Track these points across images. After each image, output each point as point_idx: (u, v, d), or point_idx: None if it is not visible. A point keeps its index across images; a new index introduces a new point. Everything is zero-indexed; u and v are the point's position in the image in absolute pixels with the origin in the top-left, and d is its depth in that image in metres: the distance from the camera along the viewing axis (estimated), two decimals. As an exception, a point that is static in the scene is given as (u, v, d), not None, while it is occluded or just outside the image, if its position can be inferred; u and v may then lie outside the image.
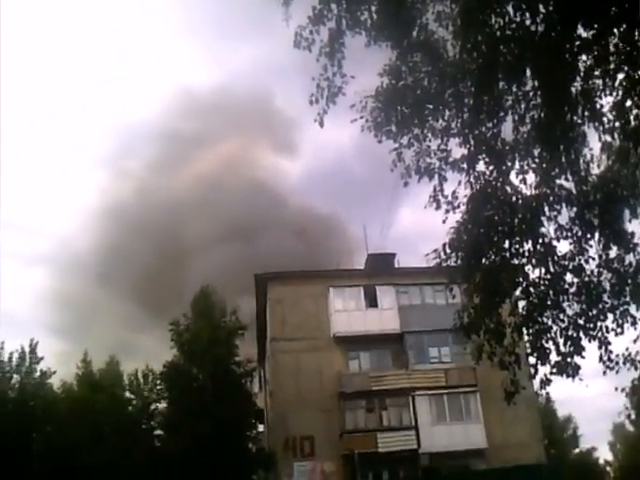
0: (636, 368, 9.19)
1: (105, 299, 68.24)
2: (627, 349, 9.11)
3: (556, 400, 62.77)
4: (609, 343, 8.70)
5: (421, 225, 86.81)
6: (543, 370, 8.48)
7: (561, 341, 8.45)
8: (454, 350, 34.87)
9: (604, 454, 72.02)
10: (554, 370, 8.37)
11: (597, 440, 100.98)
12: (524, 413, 31.92)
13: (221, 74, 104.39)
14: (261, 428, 41.06)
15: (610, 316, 8.75)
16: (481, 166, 8.84)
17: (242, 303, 36.99)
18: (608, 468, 71.26)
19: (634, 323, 8.86)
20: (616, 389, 9.93)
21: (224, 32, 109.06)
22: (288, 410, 34.15)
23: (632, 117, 7.99)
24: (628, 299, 8.92)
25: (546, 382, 8.49)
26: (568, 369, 8.29)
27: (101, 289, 69.13)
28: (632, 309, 8.96)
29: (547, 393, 9.85)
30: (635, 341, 9.12)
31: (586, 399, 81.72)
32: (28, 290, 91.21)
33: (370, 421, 34.90)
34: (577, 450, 66.33)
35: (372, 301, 37.15)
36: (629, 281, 8.96)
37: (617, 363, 8.88)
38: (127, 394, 36.74)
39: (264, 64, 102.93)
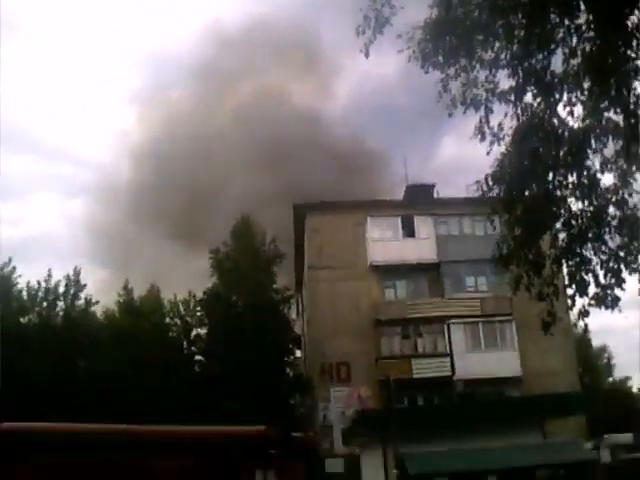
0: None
1: (143, 229, 69.10)
2: None
3: (591, 330, 62.82)
4: (650, 275, 8.73)
5: (461, 157, 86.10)
6: (581, 301, 8.58)
7: (601, 273, 8.48)
8: (491, 280, 35.13)
9: (638, 383, 72.39)
10: (593, 302, 8.46)
11: (631, 370, 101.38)
12: (560, 342, 32.19)
13: (264, 4, 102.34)
14: (298, 354, 42.04)
15: (652, 250, 8.76)
16: (529, 98, 8.75)
17: (280, 232, 37.42)
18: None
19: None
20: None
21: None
22: (325, 336, 34.93)
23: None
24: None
25: (584, 313, 8.59)
26: (607, 300, 8.36)
27: (140, 219, 69.76)
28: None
29: (585, 324, 9.95)
30: None
31: (621, 330, 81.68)
32: (69, 220, 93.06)
33: (405, 348, 35.69)
34: (610, 379, 66.64)
35: (410, 231, 37.50)
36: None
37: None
38: (167, 320, 37.64)
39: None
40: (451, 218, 37.75)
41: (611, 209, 8.81)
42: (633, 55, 8.00)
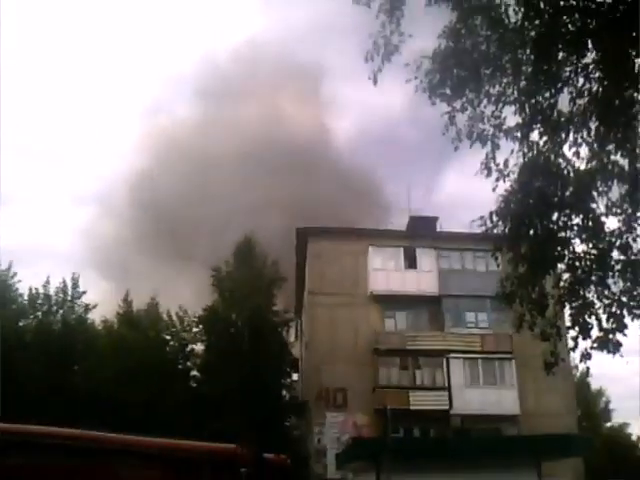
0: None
1: (145, 244, 69.21)
2: None
3: (591, 374, 62.33)
4: (652, 323, 8.58)
5: (465, 192, 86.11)
6: (583, 344, 8.44)
7: (604, 317, 8.37)
8: (491, 317, 35.04)
9: (637, 431, 71.75)
10: (595, 345, 8.31)
11: (630, 417, 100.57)
12: (559, 383, 31.93)
13: (275, 29, 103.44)
14: (295, 377, 41.84)
15: (655, 296, 8.61)
16: (535, 136, 8.69)
17: (282, 255, 37.39)
18: (640, 444, 70.91)
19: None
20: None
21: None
22: (322, 362, 34.68)
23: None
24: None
25: (586, 356, 8.44)
26: (609, 345, 8.22)
27: (142, 234, 69.91)
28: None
29: (587, 368, 9.73)
30: None
31: (621, 375, 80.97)
32: (73, 229, 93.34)
33: (403, 378, 35.31)
34: (609, 424, 66.09)
35: (411, 262, 37.36)
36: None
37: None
38: (165, 335, 37.55)
39: (318, 21, 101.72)
40: (453, 252, 37.54)
41: (615, 253, 8.69)
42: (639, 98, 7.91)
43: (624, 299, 8.47)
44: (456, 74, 8.80)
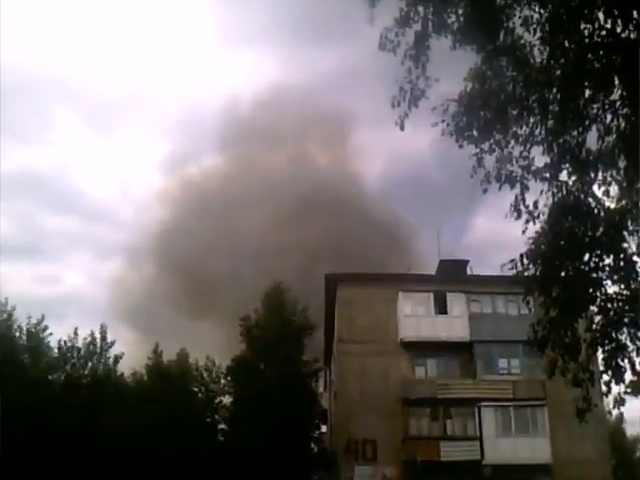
0: None
1: (174, 296, 69.59)
2: None
3: (626, 419, 60.91)
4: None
5: (495, 234, 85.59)
6: (617, 389, 8.23)
7: (637, 360, 8.16)
8: (524, 362, 34.41)
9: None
10: (629, 390, 8.10)
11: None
12: (593, 430, 31.14)
13: (301, 76, 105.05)
14: (324, 429, 41.25)
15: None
16: (564, 176, 8.62)
17: (311, 302, 37.17)
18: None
19: None
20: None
21: (307, 33, 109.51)
22: (352, 412, 34.29)
23: None
24: None
25: (620, 401, 8.23)
26: (642, 391, 8.04)
27: (171, 285, 70.35)
28: None
29: (621, 413, 9.48)
30: None
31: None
32: (102, 280, 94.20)
33: (434, 429, 34.64)
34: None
35: (442, 307, 36.85)
36: None
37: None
38: (193, 387, 37.31)
39: (345, 67, 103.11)
40: (484, 296, 37.03)
41: (647, 293, 8.50)
42: None
43: (657, 341, 8.29)
44: (483, 116, 8.80)
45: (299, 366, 33.69)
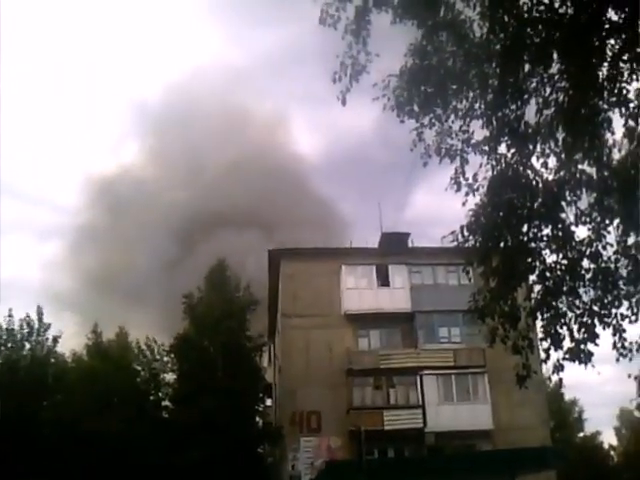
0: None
1: (115, 276, 68.55)
2: None
3: (565, 384, 63.01)
4: (624, 330, 8.65)
5: (435, 208, 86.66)
6: (555, 355, 8.48)
7: (575, 327, 8.42)
8: (464, 331, 35.00)
9: (608, 439, 72.34)
10: (567, 356, 8.34)
11: (602, 425, 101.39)
12: (532, 396, 31.97)
13: (242, 54, 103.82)
14: (269, 402, 41.44)
15: (625, 303, 8.70)
16: (503, 149, 8.78)
17: (254, 277, 37.16)
18: (612, 452, 71.53)
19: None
20: (629, 376, 9.85)
21: (247, 12, 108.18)
22: (296, 385, 34.46)
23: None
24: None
25: (559, 367, 8.48)
26: (581, 355, 8.26)
27: (112, 264, 69.33)
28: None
29: (560, 379, 9.74)
30: None
31: (593, 385, 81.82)
32: (39, 262, 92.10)
33: (377, 398, 35.06)
34: (582, 434, 66.53)
35: (384, 280, 37.16)
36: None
37: (630, 350, 8.84)
38: (135, 365, 37.06)
39: (285, 44, 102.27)
40: (425, 268, 37.49)
41: (585, 262, 8.76)
42: (605, 106, 8.03)
43: (595, 308, 8.57)
44: (423, 91, 8.87)
45: (243, 342, 33.63)
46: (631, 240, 8.91)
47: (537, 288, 8.78)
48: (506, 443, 31.30)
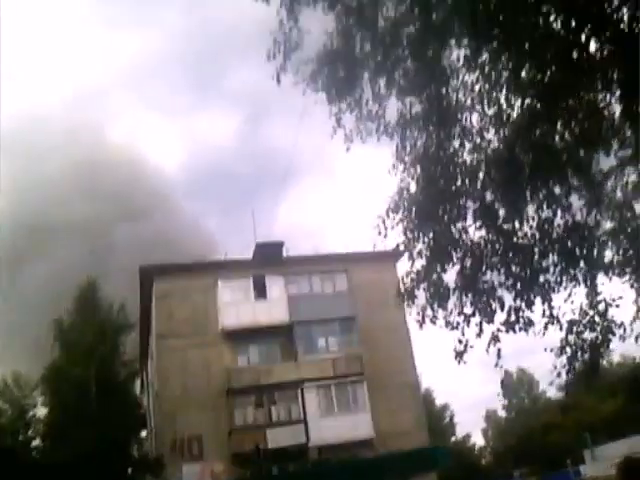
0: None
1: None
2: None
3: (434, 390, 65.25)
4: (551, 299, 8.88)
5: (305, 216, 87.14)
6: (490, 329, 8.60)
7: (510, 297, 8.58)
8: (341, 339, 35.16)
9: (478, 440, 75.54)
10: (503, 327, 8.50)
11: (472, 427, 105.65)
12: (409, 401, 32.59)
13: (100, 64, 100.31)
14: (144, 433, 39.81)
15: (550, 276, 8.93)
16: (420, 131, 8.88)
17: (126, 298, 35.35)
18: (482, 453, 74.83)
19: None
20: (545, 350, 10.02)
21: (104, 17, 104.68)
22: (175, 410, 33.00)
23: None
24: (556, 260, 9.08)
25: (495, 338, 8.61)
26: (519, 324, 8.45)
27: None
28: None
29: (498, 349, 9.95)
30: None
31: (460, 389, 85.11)
32: None
33: (259, 417, 34.23)
34: (454, 438, 68.93)
35: (261, 292, 36.38)
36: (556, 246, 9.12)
37: (558, 320, 9.03)
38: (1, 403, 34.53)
39: (146, 51, 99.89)
40: (301, 277, 37.05)
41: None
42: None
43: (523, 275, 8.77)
44: (339, 75, 8.84)
45: (118, 368, 32.14)
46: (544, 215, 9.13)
47: (467, 263, 8.87)
48: (387, 450, 31.32)
